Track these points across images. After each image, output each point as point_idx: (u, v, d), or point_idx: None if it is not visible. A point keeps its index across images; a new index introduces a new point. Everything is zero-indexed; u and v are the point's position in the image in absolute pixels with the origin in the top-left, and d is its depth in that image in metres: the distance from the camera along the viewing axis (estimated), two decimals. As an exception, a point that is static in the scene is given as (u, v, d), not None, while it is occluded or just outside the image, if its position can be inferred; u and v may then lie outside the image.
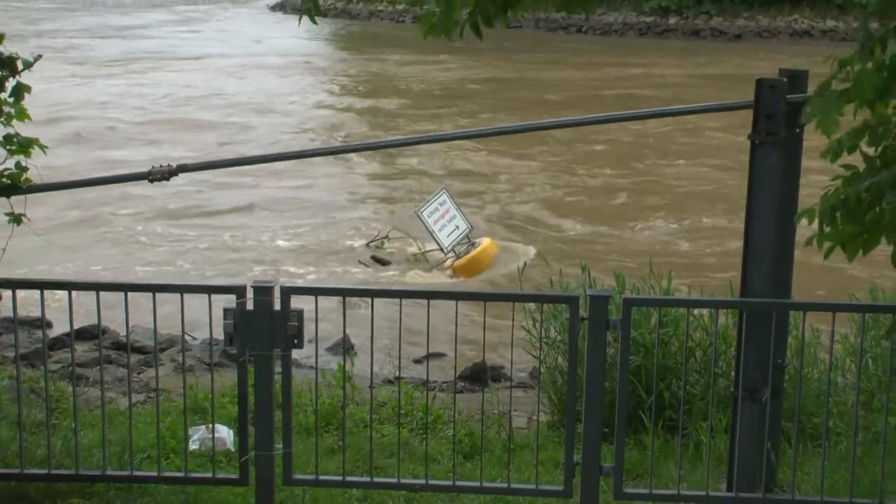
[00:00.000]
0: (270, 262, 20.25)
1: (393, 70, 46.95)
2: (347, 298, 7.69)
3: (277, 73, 47.05)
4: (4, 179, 7.43)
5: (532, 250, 20.71)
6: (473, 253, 19.21)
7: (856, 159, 4.84)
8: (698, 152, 29.81)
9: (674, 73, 45.65)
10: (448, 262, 19.33)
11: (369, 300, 7.31)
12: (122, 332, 12.12)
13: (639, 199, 25.16)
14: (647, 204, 24.72)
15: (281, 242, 21.92)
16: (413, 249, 20.58)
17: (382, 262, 20.47)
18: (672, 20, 59.60)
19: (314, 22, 4.69)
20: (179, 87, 41.77)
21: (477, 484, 7.43)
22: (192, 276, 18.54)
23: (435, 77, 44.93)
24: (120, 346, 12.80)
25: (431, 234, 19.15)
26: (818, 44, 54.16)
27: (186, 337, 11.37)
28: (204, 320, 7.58)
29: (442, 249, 19.19)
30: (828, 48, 50.89)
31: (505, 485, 7.41)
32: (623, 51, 53.48)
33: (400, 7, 67.48)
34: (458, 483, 7.48)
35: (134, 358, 12.19)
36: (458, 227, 19.29)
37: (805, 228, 5.14)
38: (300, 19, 4.79)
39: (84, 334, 12.46)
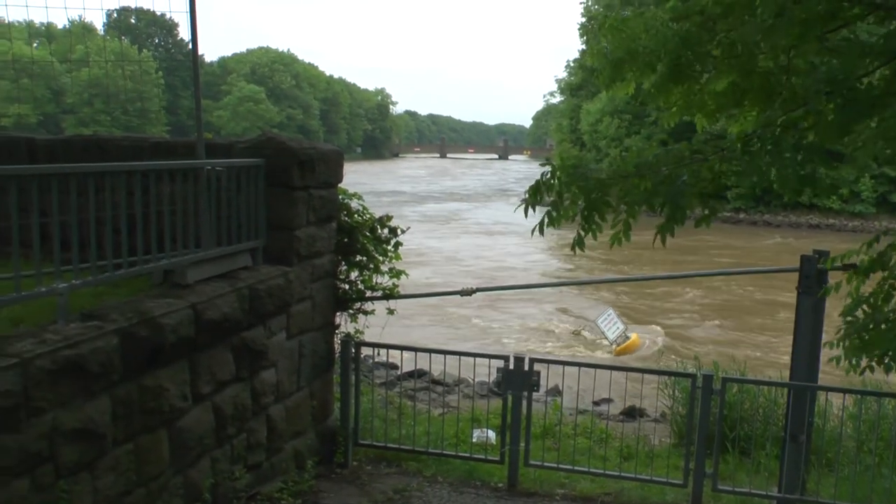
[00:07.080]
0: (519, 342, 20.06)
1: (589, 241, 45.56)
2: (564, 367, 7.72)
3: (529, 242, 45.83)
4: (386, 290, 7.79)
5: (660, 342, 20.10)
6: (626, 343, 18.80)
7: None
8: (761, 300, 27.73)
9: (743, 249, 43.48)
10: (613, 348, 18.93)
11: (576, 368, 7.28)
12: (437, 374, 12.37)
13: (722, 321, 23.92)
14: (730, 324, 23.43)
15: (530, 330, 21.70)
16: (595, 339, 20.22)
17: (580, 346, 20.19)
18: (741, 215, 57.52)
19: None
20: (473, 244, 41.53)
21: (632, 475, 7.24)
22: (475, 347, 18.52)
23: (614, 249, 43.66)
24: (435, 382, 12.96)
25: (602, 332, 18.97)
26: (825, 232, 52.38)
27: (471, 379, 11.47)
28: (482, 371, 7.66)
29: (608, 341, 18.91)
30: (829, 234, 48.75)
31: (648, 477, 7.17)
32: (716, 234, 51.37)
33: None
34: (622, 474, 7.28)
35: (442, 388, 12.37)
36: (618, 327, 18.94)
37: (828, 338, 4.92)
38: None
39: (417, 374, 12.69)
